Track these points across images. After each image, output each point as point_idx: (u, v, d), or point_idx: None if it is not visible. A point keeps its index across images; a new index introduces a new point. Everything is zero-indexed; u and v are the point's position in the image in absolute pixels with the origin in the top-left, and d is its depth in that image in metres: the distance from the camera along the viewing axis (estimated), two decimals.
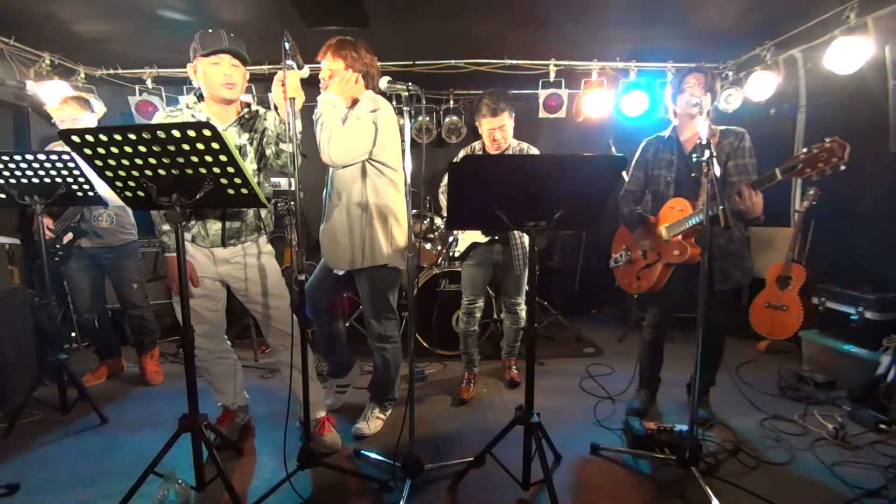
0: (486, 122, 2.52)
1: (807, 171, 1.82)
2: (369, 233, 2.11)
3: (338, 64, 2.03)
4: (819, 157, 1.79)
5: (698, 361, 1.84)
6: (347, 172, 2.09)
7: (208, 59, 1.86)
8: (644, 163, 2.43)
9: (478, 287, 2.81)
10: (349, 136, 1.95)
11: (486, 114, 2.49)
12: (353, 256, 2.13)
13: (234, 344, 2.38)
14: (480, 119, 2.54)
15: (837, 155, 1.75)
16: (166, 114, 2.00)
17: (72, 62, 3.81)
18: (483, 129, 2.56)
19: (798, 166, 1.83)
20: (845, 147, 1.75)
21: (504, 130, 2.52)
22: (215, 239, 1.99)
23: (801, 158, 1.83)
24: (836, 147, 1.75)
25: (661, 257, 2.31)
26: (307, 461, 1.84)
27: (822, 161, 1.78)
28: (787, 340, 3.28)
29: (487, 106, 2.47)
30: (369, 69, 2.09)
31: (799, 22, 3.27)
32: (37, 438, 2.32)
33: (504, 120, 2.50)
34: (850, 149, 1.74)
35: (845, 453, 2.13)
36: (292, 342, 2.02)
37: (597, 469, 2.07)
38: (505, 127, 2.52)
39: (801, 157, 1.83)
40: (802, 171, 1.83)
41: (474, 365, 2.94)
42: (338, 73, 2.03)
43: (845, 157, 1.75)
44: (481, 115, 2.52)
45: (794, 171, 1.85)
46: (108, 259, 2.94)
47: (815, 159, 1.79)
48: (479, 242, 2.75)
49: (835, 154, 1.75)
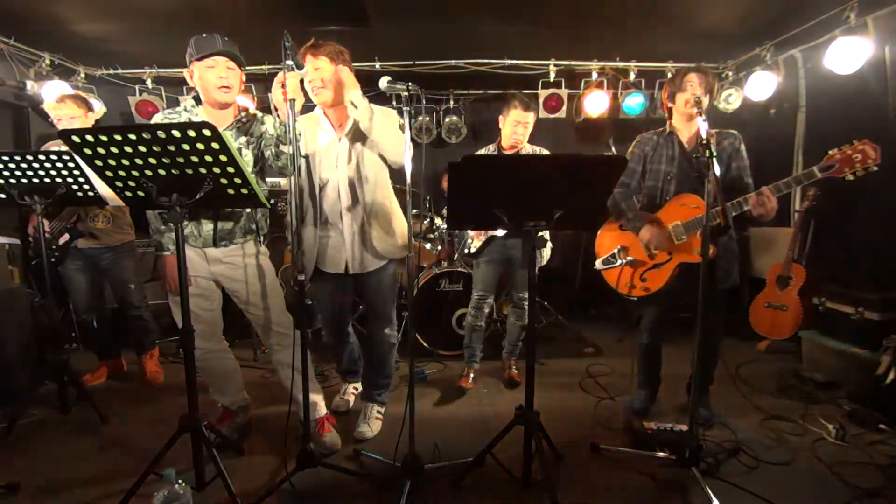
0: (514, 114, 2.63)
1: (845, 169, 1.90)
2: (387, 223, 2.18)
3: (322, 62, 2.02)
4: (853, 158, 1.88)
5: (697, 361, 1.84)
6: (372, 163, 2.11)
7: (203, 62, 1.87)
8: (641, 157, 2.37)
9: (489, 283, 2.88)
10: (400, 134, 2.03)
11: (517, 105, 2.62)
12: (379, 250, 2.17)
13: (233, 344, 2.38)
14: (509, 111, 2.65)
15: (871, 157, 1.86)
16: (164, 116, 2.00)
17: (72, 62, 3.81)
18: (508, 120, 2.66)
19: (835, 165, 1.91)
20: (877, 149, 1.85)
21: (527, 127, 2.66)
22: (207, 239, 2.00)
23: (837, 158, 1.91)
24: (868, 149, 1.85)
25: (674, 257, 2.24)
26: (307, 461, 1.84)
27: (858, 161, 1.87)
28: (787, 340, 3.28)
29: (521, 100, 2.63)
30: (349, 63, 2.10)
31: (799, 22, 3.27)
32: (37, 438, 2.32)
33: (531, 118, 2.65)
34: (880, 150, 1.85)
35: (845, 453, 2.13)
36: (293, 342, 2.02)
37: (597, 469, 2.06)
38: (529, 124, 2.66)
39: (836, 157, 1.92)
40: (840, 169, 1.91)
41: (476, 360, 2.96)
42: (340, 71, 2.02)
43: (878, 159, 1.85)
44: (511, 107, 2.64)
45: (832, 171, 1.92)
46: (105, 259, 2.93)
47: (850, 160, 1.89)
48: (496, 236, 2.79)
49: (868, 156, 1.86)
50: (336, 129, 2.13)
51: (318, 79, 2.02)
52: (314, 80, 2.01)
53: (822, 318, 3.08)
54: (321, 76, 2.02)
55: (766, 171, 2.46)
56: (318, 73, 2.02)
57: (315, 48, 2.02)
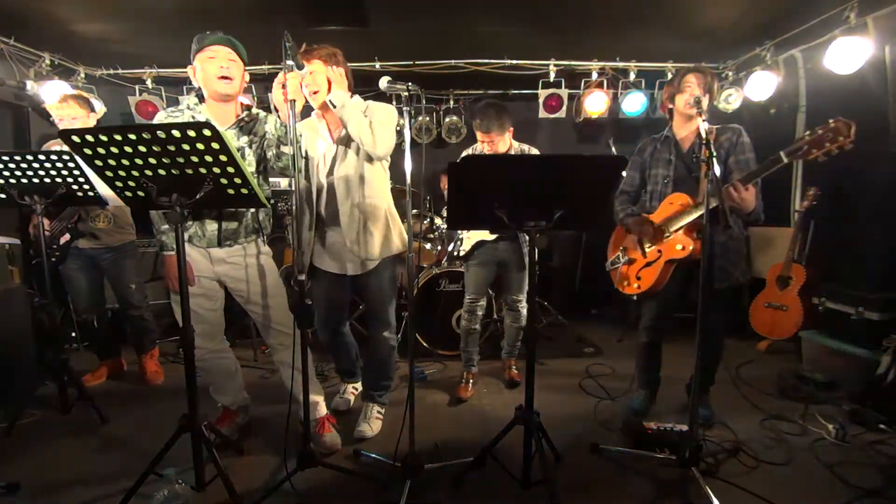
0: (477, 133, 2.63)
1: (813, 151, 1.80)
2: (386, 221, 2.19)
3: (316, 65, 2.04)
4: (825, 138, 1.77)
5: (698, 361, 1.84)
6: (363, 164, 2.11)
7: (205, 52, 1.87)
8: (640, 163, 2.42)
9: (481, 286, 2.84)
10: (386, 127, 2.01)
11: (477, 126, 2.61)
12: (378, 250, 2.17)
13: (234, 344, 2.38)
14: (474, 124, 2.64)
15: (843, 133, 1.73)
16: (167, 114, 2.00)
17: (72, 62, 3.81)
18: (477, 135, 2.65)
19: (804, 147, 1.82)
20: (850, 126, 1.73)
21: (493, 144, 2.60)
22: (211, 239, 1.99)
23: (807, 140, 1.81)
24: (841, 126, 1.73)
25: (663, 254, 2.28)
26: (307, 461, 1.84)
27: (828, 141, 1.76)
28: (787, 340, 3.28)
29: (480, 120, 2.57)
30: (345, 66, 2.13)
31: (799, 22, 3.27)
32: (37, 438, 2.33)
33: (493, 137, 2.58)
34: (855, 127, 1.72)
35: (845, 453, 2.13)
36: (293, 342, 2.02)
37: (597, 469, 2.06)
38: (495, 141, 2.59)
39: (805, 139, 1.82)
40: (808, 151, 1.81)
41: (473, 364, 2.94)
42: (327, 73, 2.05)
43: (851, 136, 1.72)
44: (474, 124, 2.64)
45: (801, 153, 1.83)
46: (106, 259, 2.93)
47: (821, 140, 1.78)
48: (486, 240, 2.77)
49: (840, 133, 1.73)
50: (332, 133, 2.14)
51: (314, 82, 2.03)
52: (310, 85, 2.02)
53: (822, 318, 3.07)
54: (316, 79, 2.03)
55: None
56: (312, 76, 2.03)
57: (307, 53, 2.04)
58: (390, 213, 2.24)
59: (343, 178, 2.11)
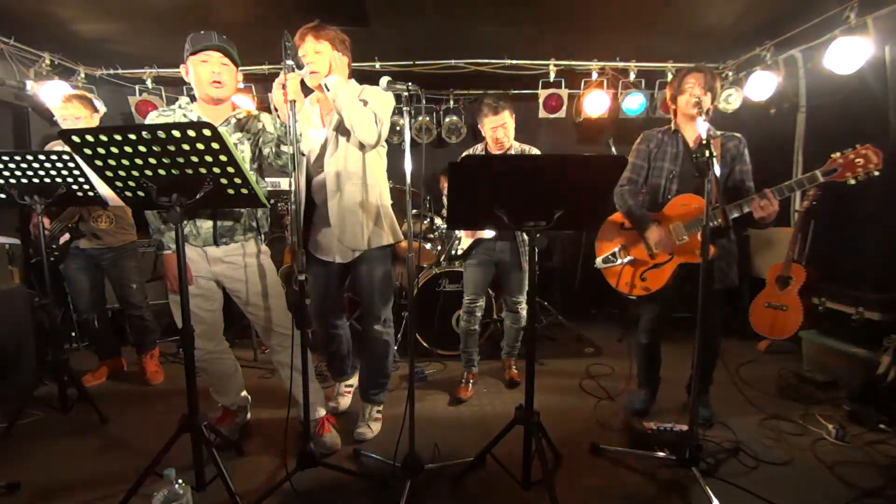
0: (488, 122, 2.59)
1: (846, 174, 1.90)
2: (376, 212, 2.17)
3: (323, 46, 2.01)
4: (856, 163, 1.88)
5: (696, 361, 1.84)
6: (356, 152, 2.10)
7: (197, 56, 1.87)
8: (647, 153, 2.35)
9: (479, 286, 2.83)
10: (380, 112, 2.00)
11: (487, 113, 2.58)
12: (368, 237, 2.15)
13: (234, 344, 2.37)
14: (483, 119, 2.62)
15: (873, 162, 1.86)
16: (158, 113, 2.00)
17: (72, 62, 3.81)
18: (486, 128, 2.63)
19: (837, 169, 1.91)
20: (879, 154, 1.85)
21: (506, 128, 2.60)
22: (207, 237, 1.99)
23: (840, 162, 1.91)
24: (871, 154, 1.85)
25: (675, 257, 2.24)
26: (307, 461, 1.84)
27: (859, 166, 1.87)
28: (787, 340, 3.28)
29: (489, 105, 2.57)
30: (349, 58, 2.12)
31: (799, 22, 3.27)
32: (37, 438, 2.32)
33: (505, 118, 2.58)
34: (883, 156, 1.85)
35: (845, 453, 2.13)
36: (292, 342, 2.02)
37: (597, 469, 2.06)
38: (507, 125, 2.60)
39: (839, 161, 1.91)
40: (842, 174, 1.91)
41: (473, 365, 2.94)
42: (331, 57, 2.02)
43: (880, 164, 1.85)
44: (483, 116, 2.61)
45: (835, 175, 1.92)
46: (107, 259, 2.93)
47: (853, 164, 1.88)
48: (484, 239, 2.76)
49: (871, 161, 1.86)
50: (324, 120, 2.13)
51: (317, 62, 2.00)
52: (313, 63, 1.98)
53: (822, 318, 3.08)
54: (320, 59, 2.01)
55: (766, 172, 2.46)
56: (317, 56, 2.00)
57: (318, 30, 2.02)
58: (382, 203, 2.21)
59: (334, 164, 2.10)
